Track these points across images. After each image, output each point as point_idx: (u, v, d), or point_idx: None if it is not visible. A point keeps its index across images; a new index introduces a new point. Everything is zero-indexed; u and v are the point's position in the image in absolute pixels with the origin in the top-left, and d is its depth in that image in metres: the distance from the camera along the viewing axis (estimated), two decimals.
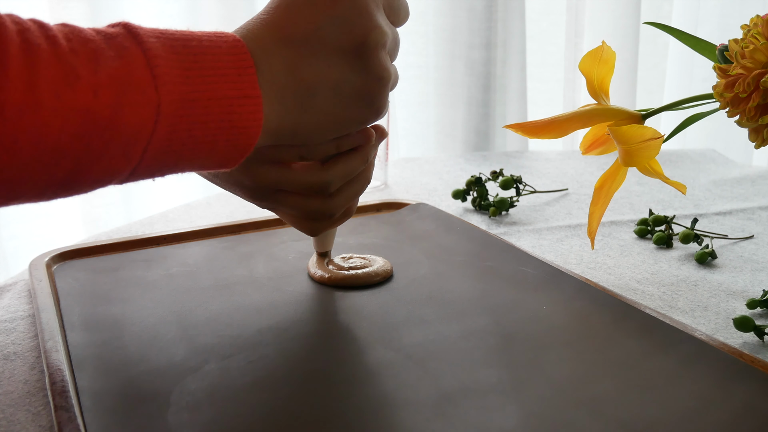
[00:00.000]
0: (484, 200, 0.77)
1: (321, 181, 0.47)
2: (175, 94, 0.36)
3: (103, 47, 0.34)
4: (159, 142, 0.36)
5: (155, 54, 0.35)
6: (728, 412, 0.38)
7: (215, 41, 0.38)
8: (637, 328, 0.47)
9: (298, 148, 0.45)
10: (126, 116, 0.34)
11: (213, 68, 0.37)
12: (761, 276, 0.60)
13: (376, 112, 0.45)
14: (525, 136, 0.57)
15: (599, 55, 0.57)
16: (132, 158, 0.36)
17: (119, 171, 0.36)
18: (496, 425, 0.37)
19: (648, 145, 0.51)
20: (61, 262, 0.59)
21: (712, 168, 0.95)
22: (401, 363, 0.43)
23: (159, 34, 0.37)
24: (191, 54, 0.37)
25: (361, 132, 0.47)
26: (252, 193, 0.48)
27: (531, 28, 1.28)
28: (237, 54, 0.38)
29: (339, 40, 0.41)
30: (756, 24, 0.48)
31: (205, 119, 0.37)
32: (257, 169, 0.46)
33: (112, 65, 0.34)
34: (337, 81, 0.42)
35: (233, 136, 0.38)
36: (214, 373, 0.42)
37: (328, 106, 0.42)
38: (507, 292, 0.53)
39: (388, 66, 0.44)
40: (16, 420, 0.41)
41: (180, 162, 0.38)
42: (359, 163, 0.48)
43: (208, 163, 0.40)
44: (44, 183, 0.34)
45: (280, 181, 0.47)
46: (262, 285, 0.55)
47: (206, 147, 0.38)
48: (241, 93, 0.38)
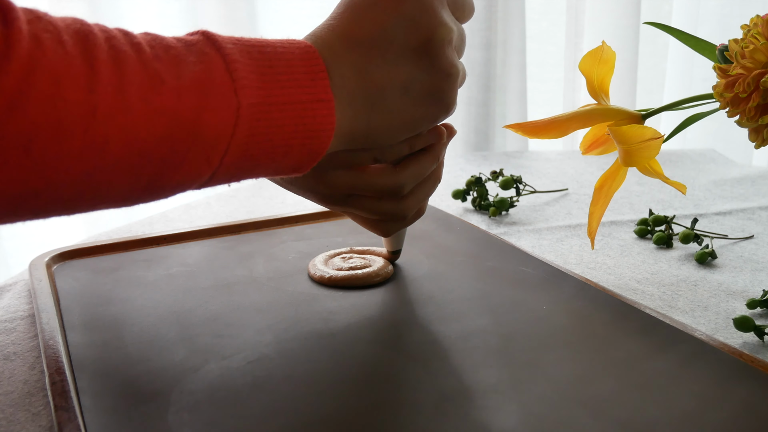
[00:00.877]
0: (484, 200, 0.77)
1: (394, 184, 0.48)
2: (253, 98, 0.37)
3: (184, 53, 0.36)
4: (238, 145, 0.37)
5: (233, 59, 0.36)
6: (728, 412, 0.38)
7: (288, 47, 0.39)
8: (637, 328, 0.47)
9: (372, 151, 0.46)
10: (208, 119, 0.35)
11: (287, 73, 0.38)
12: (761, 276, 0.60)
13: (446, 108, 0.45)
14: (525, 136, 0.57)
15: (599, 55, 0.57)
16: (213, 162, 0.37)
17: (200, 174, 0.37)
18: (496, 425, 0.37)
19: (648, 145, 0.51)
20: (61, 262, 0.59)
21: (712, 168, 0.95)
22: (401, 363, 0.43)
23: (236, 41, 0.38)
24: (266, 59, 0.38)
25: (432, 131, 0.48)
26: (326, 199, 0.49)
27: (531, 28, 1.28)
28: (309, 60, 0.39)
29: (406, 40, 0.42)
30: (756, 24, 0.48)
31: (281, 123, 0.38)
32: (331, 175, 0.47)
33: (193, 70, 0.35)
34: (406, 80, 0.42)
35: (308, 140, 0.39)
36: (214, 373, 0.42)
37: (398, 106, 0.43)
38: (507, 292, 0.53)
39: (456, 62, 0.44)
40: (16, 420, 0.41)
41: (257, 166, 0.39)
42: (431, 162, 0.49)
43: (283, 168, 0.40)
44: (131, 186, 0.36)
45: (354, 186, 0.48)
46: (262, 285, 0.55)
47: (282, 151, 0.39)
48: (314, 97, 0.39)
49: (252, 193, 0.85)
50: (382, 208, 0.49)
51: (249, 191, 0.85)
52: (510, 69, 1.22)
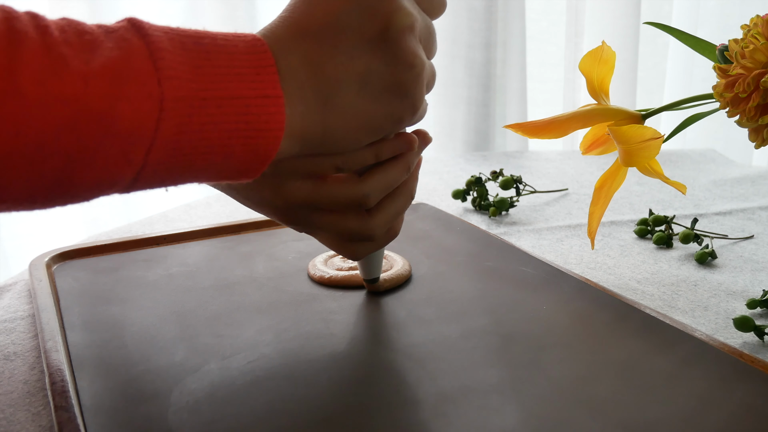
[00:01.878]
0: (484, 200, 0.77)
1: (357, 194, 0.43)
2: (182, 91, 0.33)
3: (101, 39, 0.32)
4: (165, 143, 0.33)
5: (160, 47, 0.33)
6: (728, 412, 0.38)
7: (231, 40, 0.36)
8: (637, 328, 0.47)
9: (333, 158, 0.42)
10: (122, 110, 0.32)
11: (227, 66, 0.35)
12: (761, 276, 0.60)
13: (411, 106, 0.40)
14: (525, 136, 0.57)
15: (599, 55, 0.57)
16: (134, 160, 0.33)
17: (120, 174, 0.33)
18: (496, 425, 0.37)
19: (648, 145, 0.51)
20: (61, 262, 0.59)
21: (712, 168, 0.95)
22: (401, 363, 0.43)
23: (168, 29, 0.34)
24: (203, 51, 0.34)
25: (402, 137, 0.43)
26: (284, 214, 0.45)
27: (531, 28, 1.28)
28: (256, 53, 0.36)
29: (360, 28, 0.38)
30: (756, 24, 0.48)
31: (218, 120, 0.34)
32: (287, 185, 0.43)
33: (109, 56, 0.32)
34: (363, 73, 0.38)
35: (251, 140, 0.35)
36: (214, 373, 0.42)
37: (355, 103, 0.39)
38: (507, 292, 0.53)
39: (419, 52, 0.39)
40: (16, 420, 0.41)
41: (192, 168, 0.35)
42: (400, 172, 0.44)
43: (226, 171, 0.36)
44: (32, 182, 0.32)
45: (313, 198, 0.43)
46: (262, 285, 0.55)
47: (221, 151, 0.35)
48: (259, 93, 0.35)
49: None
50: (346, 226, 0.44)
51: None
52: (510, 69, 1.22)
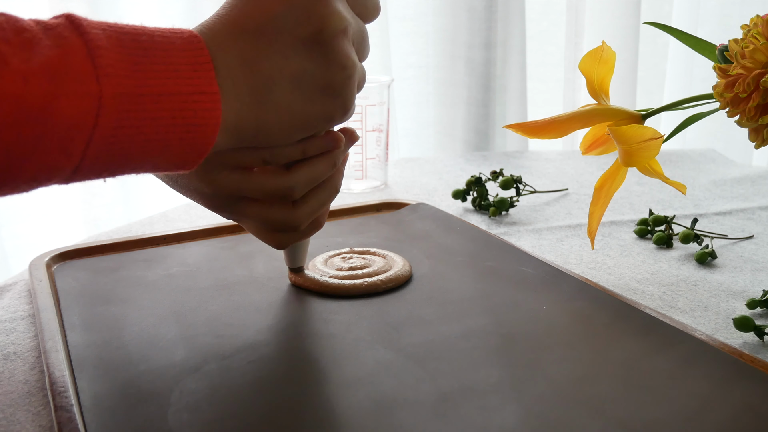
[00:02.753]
0: (484, 200, 0.77)
1: (283, 185, 0.44)
2: (120, 87, 0.34)
3: (40, 37, 0.33)
4: (103, 137, 0.34)
5: (98, 45, 0.34)
6: (728, 412, 0.38)
7: (169, 37, 0.37)
8: (637, 328, 0.47)
9: (262, 151, 0.43)
10: (62, 106, 0.33)
11: (165, 63, 0.36)
12: (761, 276, 0.60)
13: (342, 106, 0.42)
14: (525, 136, 0.57)
15: (599, 55, 0.57)
16: (72, 153, 0.34)
17: (59, 167, 0.34)
18: (496, 425, 0.37)
19: (648, 145, 0.51)
20: (61, 262, 0.59)
21: (712, 168, 0.95)
22: (401, 363, 0.43)
23: (106, 26, 0.35)
24: (140, 48, 0.35)
25: (329, 135, 0.45)
26: (213, 202, 0.46)
27: (531, 28, 1.28)
28: (192, 50, 0.37)
29: (296, 29, 0.40)
30: (756, 24, 0.48)
31: (155, 116, 0.35)
32: (216, 175, 0.44)
33: (47, 54, 0.33)
34: (297, 73, 0.40)
35: (188, 135, 0.37)
36: (214, 373, 0.42)
37: (289, 101, 0.40)
38: (507, 292, 0.53)
39: (351, 54, 0.41)
40: (16, 420, 0.41)
41: (130, 161, 0.36)
42: (326, 167, 0.46)
43: (164, 164, 0.38)
44: None
45: (241, 187, 0.44)
46: (262, 285, 0.55)
47: (158, 145, 0.36)
48: (196, 89, 0.36)
49: None
50: (272, 215, 0.46)
51: None
52: (510, 69, 1.22)
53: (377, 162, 0.85)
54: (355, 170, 0.84)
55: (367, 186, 0.86)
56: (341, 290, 0.53)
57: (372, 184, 0.86)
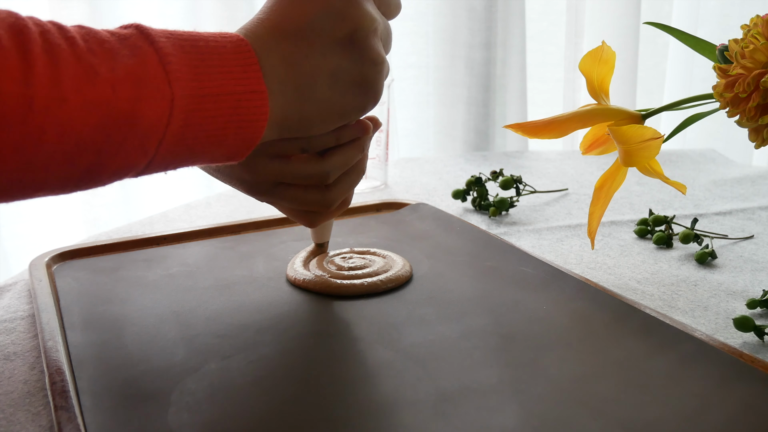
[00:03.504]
0: (484, 200, 0.77)
1: (320, 171, 0.49)
2: (187, 89, 0.38)
3: (117, 47, 0.37)
4: (173, 135, 0.38)
5: (167, 52, 0.38)
6: (728, 412, 0.38)
7: (220, 41, 0.40)
8: (637, 328, 0.47)
9: (300, 141, 0.47)
10: (143, 109, 0.37)
11: (220, 66, 0.39)
12: (761, 276, 0.60)
13: (373, 97, 0.47)
14: (525, 136, 0.57)
15: (599, 55, 0.57)
16: (148, 151, 0.38)
17: (136, 163, 0.38)
18: (496, 425, 0.37)
19: (648, 145, 0.51)
20: (61, 262, 0.59)
21: (712, 168, 0.95)
22: (401, 363, 0.43)
23: (169, 34, 0.39)
24: (199, 53, 0.39)
25: (359, 123, 0.49)
26: (252, 188, 0.50)
27: (531, 28, 1.28)
28: (241, 52, 0.41)
29: (332, 31, 0.43)
30: (756, 24, 0.48)
31: (215, 114, 0.39)
32: (259, 164, 0.48)
33: (127, 63, 0.36)
34: (334, 70, 0.44)
35: (241, 130, 0.41)
36: (214, 373, 0.42)
37: (328, 95, 0.44)
38: (507, 292, 0.53)
39: (381, 51, 0.46)
40: (16, 420, 0.41)
41: (192, 155, 0.40)
42: (356, 153, 0.50)
43: (218, 156, 0.42)
44: (67, 174, 0.37)
45: (281, 174, 0.49)
46: (262, 285, 0.55)
47: (216, 140, 0.40)
48: (247, 88, 0.40)
49: None
50: (307, 198, 0.50)
51: None
52: (510, 69, 1.22)
53: (377, 162, 0.85)
54: None
55: (367, 186, 0.86)
56: (341, 290, 0.53)
57: (372, 184, 0.86)
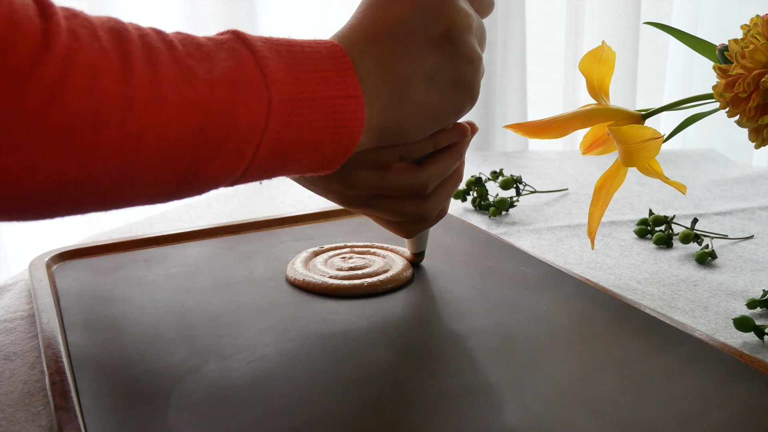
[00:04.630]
0: (484, 200, 0.77)
1: (418, 182, 0.48)
2: (284, 93, 0.38)
3: (215, 50, 0.37)
4: (270, 140, 0.38)
5: (263, 56, 0.37)
6: (728, 412, 0.38)
7: (315, 47, 0.40)
8: (637, 328, 0.47)
9: (399, 148, 0.46)
10: (240, 112, 0.36)
11: (315, 71, 0.39)
12: (761, 276, 0.60)
13: (471, 97, 0.45)
14: (525, 136, 0.57)
15: (599, 55, 0.57)
16: (245, 156, 0.37)
17: (233, 169, 0.38)
18: (496, 425, 0.37)
19: (648, 145, 0.51)
20: (61, 262, 0.59)
21: (712, 168, 0.95)
22: (401, 363, 0.43)
23: (265, 39, 0.39)
24: (295, 58, 0.39)
25: (456, 128, 0.48)
26: (349, 200, 0.50)
27: (531, 28, 1.28)
28: (336, 57, 0.40)
29: (426, 30, 0.42)
30: (756, 24, 0.48)
31: (311, 118, 0.39)
32: (355, 175, 0.47)
33: (225, 65, 0.36)
34: (430, 70, 0.43)
35: (338, 136, 0.40)
36: (214, 373, 0.42)
37: (424, 98, 0.43)
38: (507, 292, 0.53)
39: (477, 48, 0.44)
40: (16, 420, 0.41)
41: (288, 161, 0.40)
42: (454, 160, 0.49)
43: (314, 164, 0.41)
44: (167, 178, 0.36)
45: (378, 186, 0.48)
46: (262, 285, 0.55)
47: (313, 146, 0.39)
48: (343, 93, 0.40)
49: (252, 193, 0.85)
50: (405, 209, 0.49)
51: (249, 191, 0.85)
52: (510, 69, 1.22)
53: None
54: None
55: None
56: (341, 291, 0.53)
57: None
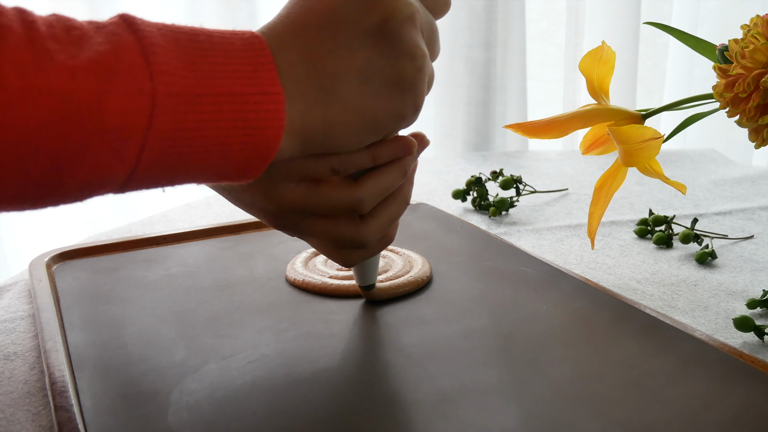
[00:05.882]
0: (484, 200, 0.77)
1: (352, 198, 0.41)
2: (176, 87, 0.32)
3: (90, 35, 0.32)
4: (158, 140, 0.32)
5: (152, 42, 0.32)
6: (728, 412, 0.38)
7: (228, 38, 0.35)
8: (637, 328, 0.47)
9: (330, 159, 0.40)
10: (112, 104, 0.31)
11: (224, 63, 0.34)
12: (761, 276, 0.60)
13: (413, 101, 0.39)
14: (525, 136, 0.57)
15: (599, 55, 0.57)
16: (126, 157, 0.32)
17: (112, 172, 0.33)
18: (496, 425, 0.37)
19: (648, 145, 0.51)
20: (61, 262, 0.59)
21: (712, 168, 0.95)
22: (401, 363, 0.43)
23: (162, 26, 0.34)
24: (198, 48, 0.34)
25: (400, 140, 0.42)
26: (276, 218, 0.44)
27: (531, 28, 1.28)
28: (253, 50, 0.35)
29: (360, 20, 0.37)
30: (756, 24, 0.48)
31: (214, 117, 0.34)
32: (280, 189, 0.41)
33: (97, 50, 0.31)
34: (364, 66, 0.37)
35: (250, 138, 0.35)
36: (214, 373, 0.42)
37: (357, 98, 0.38)
38: (507, 292, 0.53)
39: (421, 44, 0.38)
40: (16, 420, 0.41)
41: (189, 168, 0.34)
42: (396, 177, 0.43)
43: (225, 171, 0.36)
44: (19, 181, 0.31)
45: (307, 202, 0.41)
46: (262, 285, 0.55)
47: (218, 150, 0.34)
48: (258, 89, 0.35)
49: None
50: (339, 232, 0.43)
51: None
52: (510, 69, 1.22)
53: None
54: None
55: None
56: (340, 291, 0.53)
57: None
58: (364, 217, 0.43)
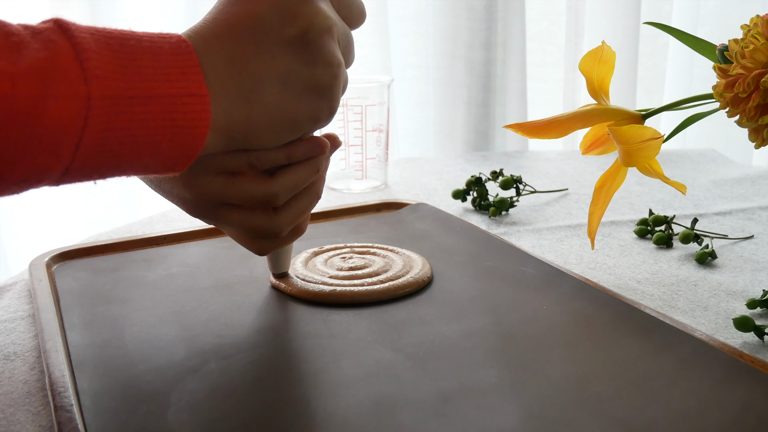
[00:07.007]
0: (484, 200, 0.77)
1: (267, 192, 0.44)
2: (109, 90, 0.35)
3: (27, 41, 0.33)
4: (92, 139, 0.35)
5: (86, 48, 0.34)
6: (728, 412, 0.38)
7: (157, 41, 0.37)
8: (637, 328, 0.47)
9: (248, 155, 0.43)
10: (50, 108, 0.33)
11: (153, 67, 0.36)
12: (761, 276, 0.60)
13: (328, 106, 0.43)
14: (525, 136, 0.57)
15: (599, 55, 0.57)
16: (62, 155, 0.34)
17: (49, 169, 0.35)
18: (496, 425, 0.37)
19: (648, 145, 0.51)
20: (61, 262, 0.59)
21: (712, 168, 0.95)
22: (401, 363, 0.43)
23: (94, 31, 0.36)
24: (129, 52, 0.36)
25: (314, 140, 0.45)
26: (194, 208, 0.46)
27: (531, 28, 1.28)
28: (181, 54, 0.38)
29: (281, 30, 0.40)
30: (756, 24, 0.48)
31: (144, 117, 0.36)
32: (200, 180, 0.44)
33: (35, 56, 0.33)
34: (284, 73, 0.41)
35: (178, 137, 0.37)
36: (214, 373, 0.42)
37: (277, 101, 0.41)
38: (507, 292, 0.53)
39: (337, 54, 0.42)
40: (16, 420, 0.41)
41: (120, 163, 0.37)
42: (309, 173, 0.46)
43: (154, 166, 0.38)
44: None
45: (224, 193, 0.44)
46: (262, 285, 0.55)
47: (148, 147, 0.37)
48: (185, 92, 0.37)
49: None
50: (253, 222, 0.45)
51: None
52: (510, 69, 1.22)
53: (377, 162, 0.85)
54: (355, 170, 0.84)
55: (367, 186, 0.86)
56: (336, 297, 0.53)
57: (372, 184, 0.86)
58: (277, 209, 0.46)
